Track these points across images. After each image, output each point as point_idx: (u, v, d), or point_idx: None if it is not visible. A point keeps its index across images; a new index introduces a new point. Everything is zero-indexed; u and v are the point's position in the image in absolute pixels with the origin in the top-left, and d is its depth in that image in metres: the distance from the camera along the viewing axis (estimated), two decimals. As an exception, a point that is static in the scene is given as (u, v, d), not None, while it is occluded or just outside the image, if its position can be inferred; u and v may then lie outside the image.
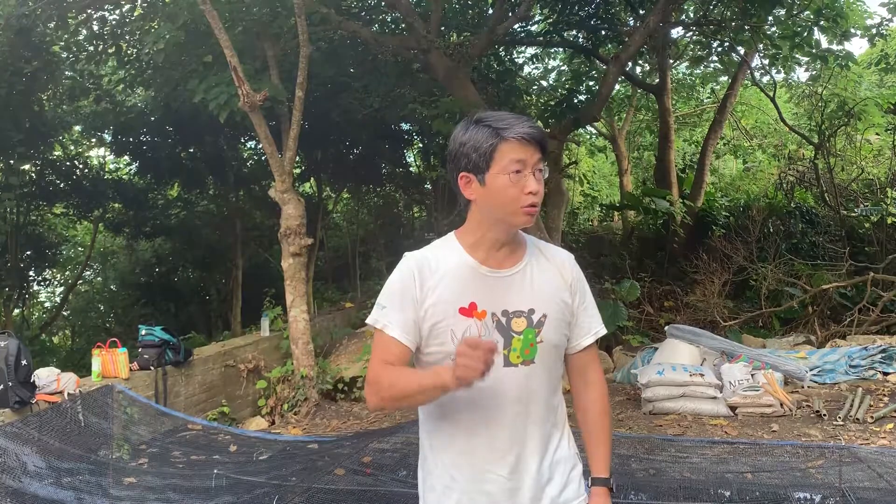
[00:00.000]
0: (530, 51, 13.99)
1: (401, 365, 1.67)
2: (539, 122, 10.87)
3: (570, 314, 1.75)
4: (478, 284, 1.67)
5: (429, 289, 1.66)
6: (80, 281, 15.02)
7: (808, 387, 6.57)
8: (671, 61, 14.23)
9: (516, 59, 13.29)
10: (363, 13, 10.19)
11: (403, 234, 13.82)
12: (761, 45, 11.25)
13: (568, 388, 1.88)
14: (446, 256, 1.69)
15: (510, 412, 1.67)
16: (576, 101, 10.64)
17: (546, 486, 1.71)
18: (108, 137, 11.88)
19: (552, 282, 1.73)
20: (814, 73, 13.93)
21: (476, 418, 1.67)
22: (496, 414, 1.66)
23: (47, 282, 14.73)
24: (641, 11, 11.04)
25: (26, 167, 10.88)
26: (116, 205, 12.39)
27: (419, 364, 1.73)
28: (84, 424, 4.58)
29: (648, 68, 15.04)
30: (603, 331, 1.83)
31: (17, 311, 12.54)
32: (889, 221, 10.85)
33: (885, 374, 6.79)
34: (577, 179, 15.66)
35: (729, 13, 10.47)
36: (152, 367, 5.98)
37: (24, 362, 4.78)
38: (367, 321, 1.73)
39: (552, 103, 11.16)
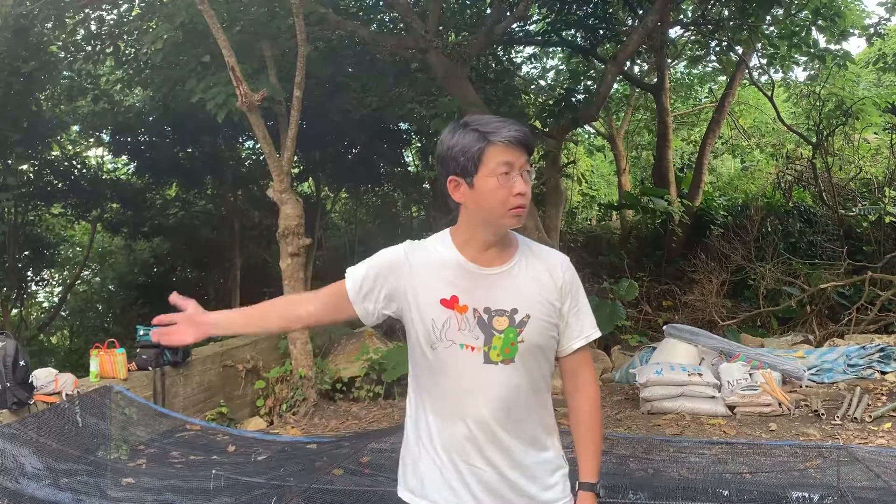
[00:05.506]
0: (528, 50, 13.99)
1: (323, 301, 1.79)
2: (537, 121, 10.88)
3: (557, 316, 1.75)
4: (462, 279, 1.71)
5: (418, 275, 1.72)
6: (79, 281, 14.97)
7: (807, 386, 6.58)
8: (669, 61, 14.22)
9: (514, 59, 13.28)
10: (361, 13, 10.19)
11: (402, 234, 13.73)
12: (759, 45, 11.27)
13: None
14: (438, 250, 1.76)
15: (489, 408, 1.69)
16: (574, 100, 10.58)
17: (527, 485, 1.73)
18: (106, 137, 11.85)
19: (540, 283, 1.75)
20: (812, 72, 13.99)
21: (457, 410, 1.71)
22: (475, 408, 1.70)
23: (45, 282, 14.68)
24: (640, 11, 11.04)
25: (24, 167, 10.85)
26: (114, 205, 12.37)
27: (412, 348, 1.77)
28: (82, 425, 4.57)
29: (647, 68, 15.03)
30: (596, 334, 1.82)
31: (15, 311, 12.51)
32: (887, 220, 10.84)
33: (883, 373, 6.80)
34: (575, 179, 15.65)
35: (727, 13, 10.48)
36: (150, 368, 5.97)
37: (21, 363, 4.78)
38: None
39: (550, 103, 11.13)
